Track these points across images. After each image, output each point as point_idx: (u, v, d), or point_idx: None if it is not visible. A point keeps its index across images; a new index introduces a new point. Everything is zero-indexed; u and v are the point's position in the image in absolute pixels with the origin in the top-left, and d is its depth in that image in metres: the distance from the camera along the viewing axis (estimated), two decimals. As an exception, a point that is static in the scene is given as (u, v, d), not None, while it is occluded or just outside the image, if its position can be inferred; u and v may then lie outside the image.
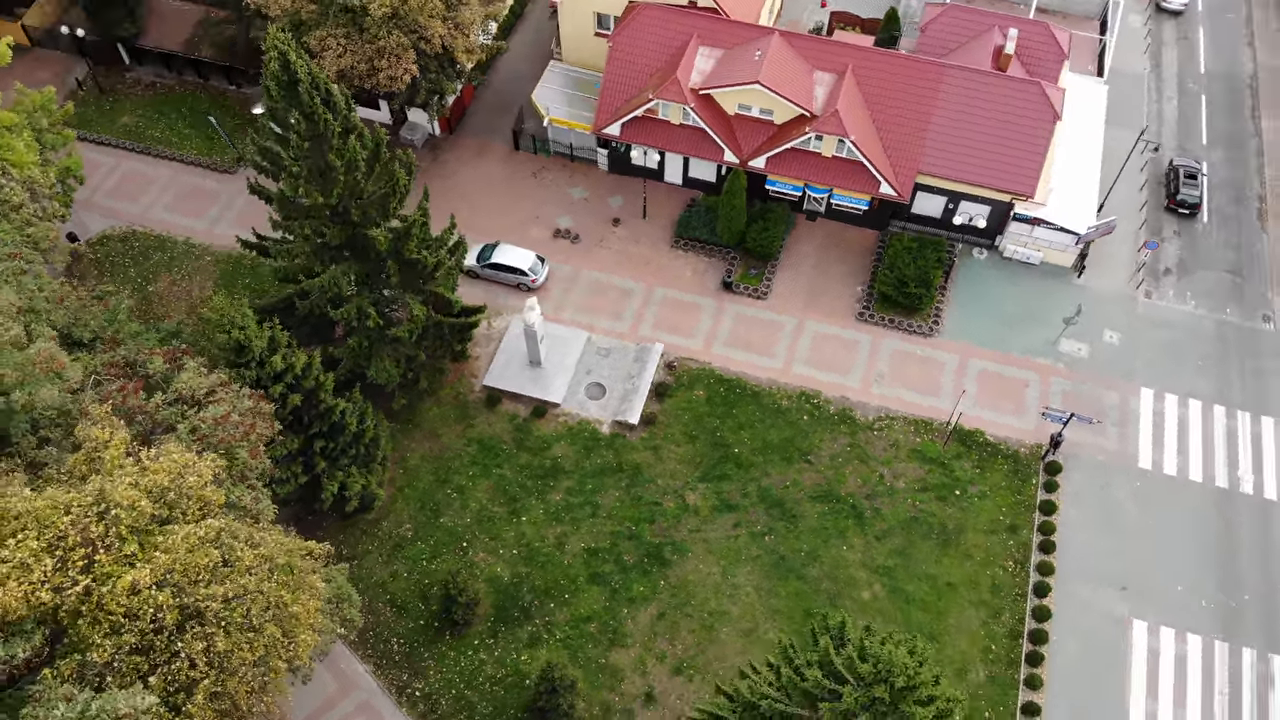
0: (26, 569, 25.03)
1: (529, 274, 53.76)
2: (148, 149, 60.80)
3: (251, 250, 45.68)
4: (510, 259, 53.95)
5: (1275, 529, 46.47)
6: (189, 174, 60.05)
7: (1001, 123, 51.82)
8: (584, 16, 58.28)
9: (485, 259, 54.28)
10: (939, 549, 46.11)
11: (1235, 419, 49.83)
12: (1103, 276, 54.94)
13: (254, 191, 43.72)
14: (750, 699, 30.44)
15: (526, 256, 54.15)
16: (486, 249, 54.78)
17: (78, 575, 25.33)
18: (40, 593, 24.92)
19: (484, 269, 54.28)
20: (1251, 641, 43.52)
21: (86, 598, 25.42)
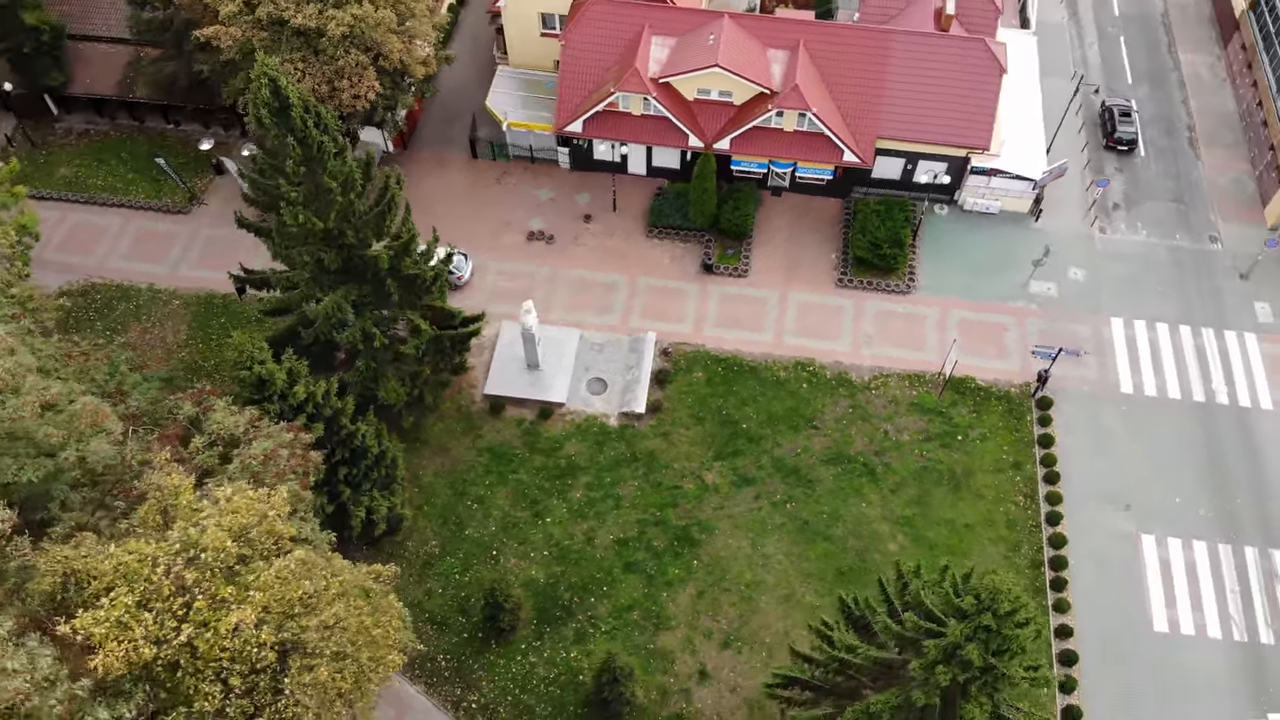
0: (124, 627, 24.44)
1: (454, 272, 53.24)
2: (93, 198, 58.94)
3: (244, 286, 44.81)
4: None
5: (1255, 434, 49.50)
6: (141, 219, 58.40)
7: (951, 81, 53.84)
8: (529, 18, 58.47)
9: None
10: (952, 494, 47.90)
11: (1201, 336, 52.83)
12: (1058, 218, 57.55)
13: (243, 226, 42.97)
14: (834, 655, 31.42)
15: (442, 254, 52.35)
16: None
17: (178, 625, 24.84)
18: (142, 649, 24.35)
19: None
20: (1251, 540, 46.34)
21: (187, 647, 24.93)
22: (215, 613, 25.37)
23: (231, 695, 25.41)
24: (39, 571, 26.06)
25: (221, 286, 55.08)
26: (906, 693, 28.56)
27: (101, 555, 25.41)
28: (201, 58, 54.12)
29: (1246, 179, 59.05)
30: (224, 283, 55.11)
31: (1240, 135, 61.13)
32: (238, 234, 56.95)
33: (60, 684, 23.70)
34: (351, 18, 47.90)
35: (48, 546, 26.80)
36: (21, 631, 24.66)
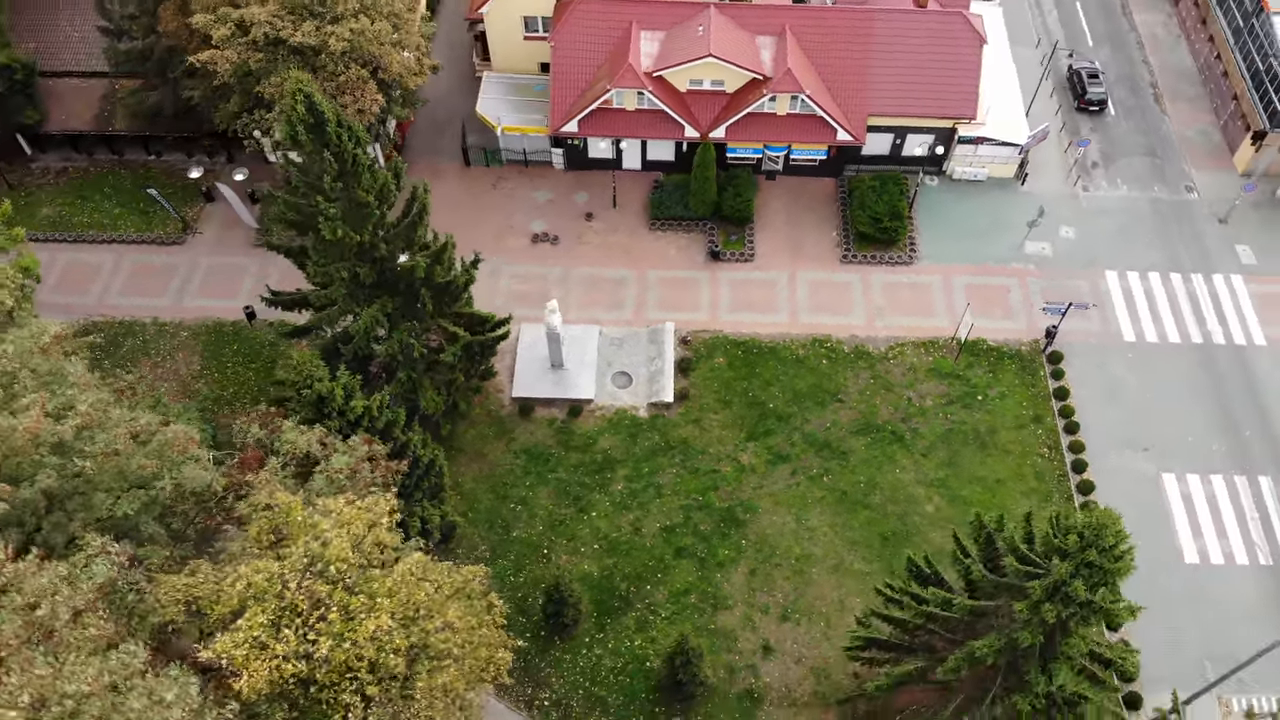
0: (262, 646, 24.37)
1: None
2: (81, 236, 57.66)
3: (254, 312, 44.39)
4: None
5: (1253, 370, 51.95)
6: (134, 253, 57.32)
7: (934, 55, 55.50)
8: (512, 22, 58.73)
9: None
10: (979, 452, 49.47)
11: (1191, 282, 55.26)
12: (1042, 180, 59.64)
13: (273, 248, 42.71)
14: (925, 610, 32.50)
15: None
16: None
17: (317, 639, 24.83)
18: (284, 666, 24.31)
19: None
20: (1265, 470, 48.70)
21: (325, 660, 24.93)
22: (348, 623, 25.42)
23: (371, 705, 25.48)
24: (159, 602, 25.81)
25: (229, 315, 54.46)
26: (1009, 634, 29.74)
27: (231, 577, 25.26)
28: (190, 84, 53.44)
29: (1212, 129, 61.83)
30: (231, 311, 54.58)
31: (1201, 89, 63.96)
32: (238, 261, 56.74)
33: (209, 711, 23.55)
34: (350, 32, 47.78)
35: (162, 577, 26.52)
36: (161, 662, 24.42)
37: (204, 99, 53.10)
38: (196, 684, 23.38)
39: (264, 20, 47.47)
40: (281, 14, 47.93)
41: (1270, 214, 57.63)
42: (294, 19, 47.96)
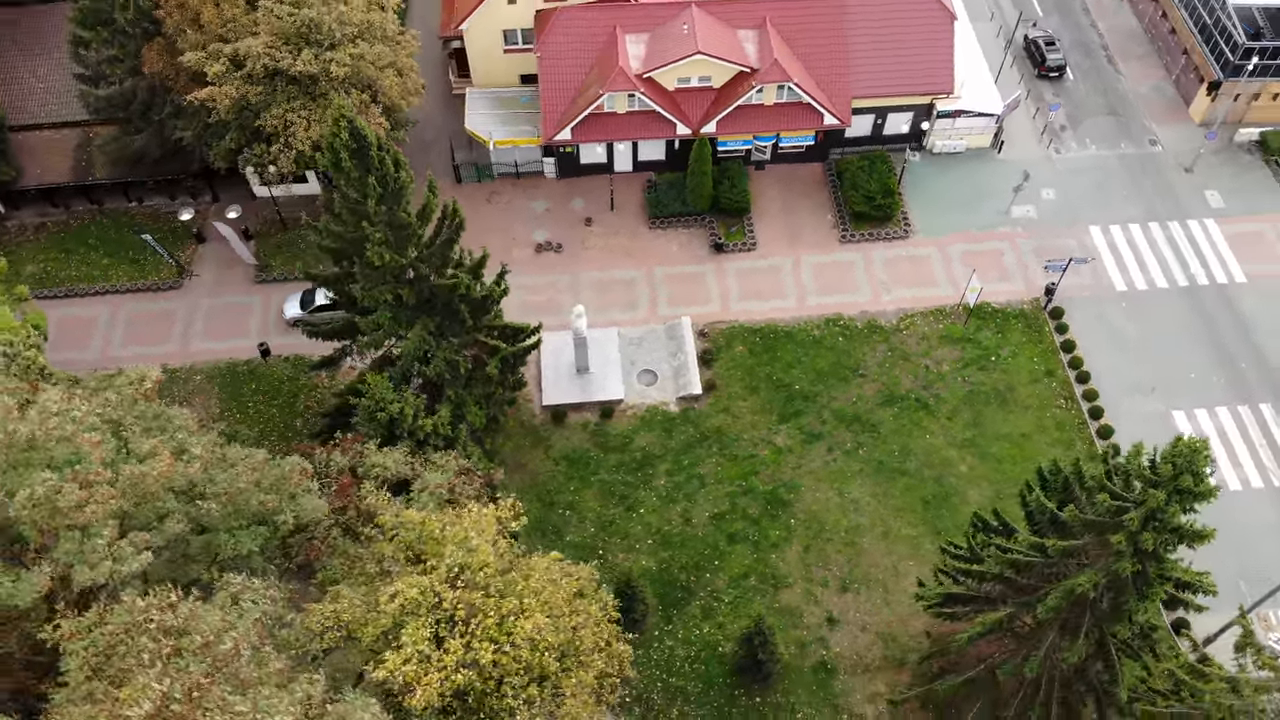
0: (426, 659, 24.52)
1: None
2: (72, 290, 56.25)
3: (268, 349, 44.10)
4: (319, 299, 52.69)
5: (1238, 306, 54.94)
6: (130, 302, 56.13)
7: (909, 34, 57.50)
8: (492, 37, 59.05)
9: (309, 305, 52.91)
10: (1001, 410, 51.44)
11: (1168, 229, 58.20)
12: (1016, 147, 62.13)
13: (311, 278, 42.53)
14: (1014, 559, 33.96)
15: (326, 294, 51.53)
16: (307, 295, 53.59)
17: (479, 646, 25.04)
18: (454, 676, 24.48)
19: (312, 314, 52.39)
20: (1264, 398, 51.61)
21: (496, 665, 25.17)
22: (501, 627, 25.71)
23: (533, 707, 25.82)
24: (312, 630, 25.74)
25: (242, 354, 53.77)
26: (1106, 566, 31.35)
27: (385, 595, 25.29)
28: (179, 124, 52.65)
29: (1165, 85, 65.14)
30: (243, 350, 53.92)
31: (1149, 46, 67.32)
32: (241, 299, 56.01)
33: (391, 730, 23.70)
34: (350, 57, 47.69)
35: (310, 606, 26.42)
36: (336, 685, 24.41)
37: (196, 138, 52.33)
38: (377, 704, 23.43)
39: (261, 52, 47.13)
40: (277, 44, 47.64)
41: (1231, 158, 61.00)
42: (291, 49, 47.68)
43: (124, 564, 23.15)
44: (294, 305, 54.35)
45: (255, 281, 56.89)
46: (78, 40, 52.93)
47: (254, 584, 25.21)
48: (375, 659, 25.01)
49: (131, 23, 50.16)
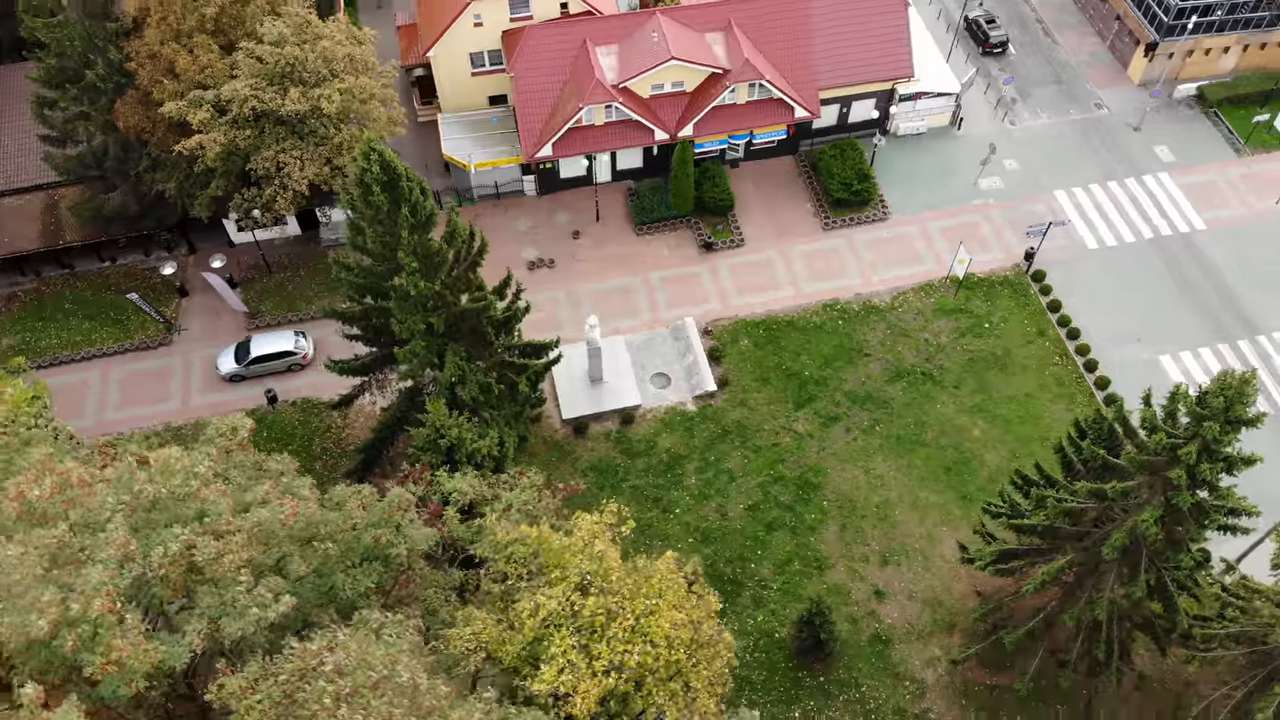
0: (574, 666, 24.79)
1: (296, 351, 53.08)
2: (56, 359, 54.49)
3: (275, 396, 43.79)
4: (272, 346, 52.91)
5: (1202, 251, 58.10)
6: (120, 364, 54.65)
7: (867, 23, 59.47)
8: (459, 61, 59.18)
9: (245, 358, 52.71)
10: (1002, 373, 53.51)
11: (1127, 186, 61.26)
12: (973, 123, 64.67)
13: (338, 316, 42.24)
14: (1071, 506, 35.59)
15: (285, 336, 53.51)
16: (241, 348, 53.20)
17: (625, 648, 25.40)
18: (605, 680, 24.78)
19: (249, 367, 52.70)
20: (1240, 335, 54.69)
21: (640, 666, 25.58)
22: (636, 629, 26.10)
23: (677, 700, 26.26)
24: (453, 654, 25.71)
25: (247, 403, 52.84)
26: (1166, 501, 33.16)
27: (524, 608, 25.42)
28: (160, 177, 51.57)
29: (1100, 50, 68.54)
30: (248, 399, 52.99)
31: (1080, 15, 70.73)
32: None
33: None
34: (339, 93, 47.44)
35: (450, 632, 26.36)
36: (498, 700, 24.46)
37: (179, 190, 51.30)
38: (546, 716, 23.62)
39: (247, 95, 46.56)
40: (262, 86, 47.11)
41: (1174, 114, 64.50)
42: (276, 89, 47.20)
43: (268, 611, 22.88)
44: (229, 359, 53.09)
45: (248, 329, 55.91)
46: (42, 101, 51.47)
47: (393, 617, 25.10)
48: (531, 674, 25.17)
49: (103, 78, 49.01)
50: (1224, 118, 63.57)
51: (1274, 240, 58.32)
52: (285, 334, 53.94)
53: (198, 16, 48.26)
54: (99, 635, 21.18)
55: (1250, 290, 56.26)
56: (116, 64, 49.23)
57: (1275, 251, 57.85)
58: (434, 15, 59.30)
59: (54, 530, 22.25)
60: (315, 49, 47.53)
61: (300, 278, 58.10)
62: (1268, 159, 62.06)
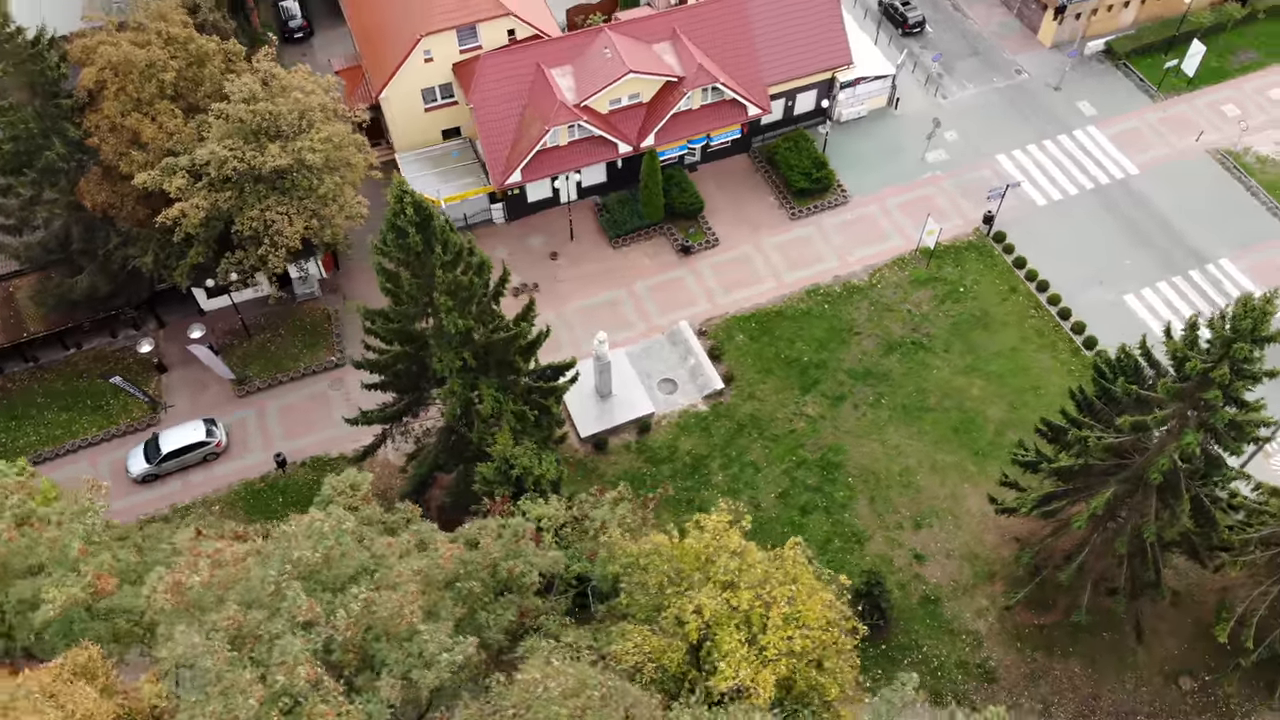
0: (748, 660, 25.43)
1: (209, 440, 50.75)
2: (39, 455, 51.91)
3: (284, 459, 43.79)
4: (183, 439, 50.40)
5: (1140, 194, 62.03)
6: (108, 452, 52.51)
7: (804, 17, 61.58)
8: (411, 99, 58.91)
9: (157, 456, 50.10)
10: (986, 332, 56.15)
11: (1058, 142, 64.98)
12: (908, 102, 67.57)
13: (367, 366, 41.79)
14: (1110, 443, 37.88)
15: (195, 427, 50.99)
16: (150, 445, 50.67)
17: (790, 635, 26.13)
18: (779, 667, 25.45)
19: (162, 465, 50.21)
20: (1190, 265, 58.68)
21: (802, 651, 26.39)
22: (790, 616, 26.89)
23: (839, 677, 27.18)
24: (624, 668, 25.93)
25: (254, 471, 51.56)
26: (1202, 423, 35.69)
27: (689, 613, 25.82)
28: (133, 252, 49.85)
29: (1009, 19, 72.49)
30: (254, 468, 51.71)
31: (984, -10, 74.80)
32: (229, 419, 53.53)
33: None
34: (321, 142, 46.82)
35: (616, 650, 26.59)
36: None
37: (156, 262, 49.66)
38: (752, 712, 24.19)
39: (226, 156, 45.53)
40: (238, 145, 46.12)
41: (1088, 70, 68.69)
42: (254, 146, 46.27)
43: (455, 655, 22.71)
44: (138, 460, 50.57)
45: (239, 396, 54.42)
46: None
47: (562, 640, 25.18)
48: (697, 677, 25.64)
49: (63, 157, 47.14)
50: (1134, 68, 68.12)
51: (1201, 174, 62.83)
52: (194, 425, 51.12)
53: (157, 83, 47.03)
54: (299, 706, 20.79)
55: (1190, 223, 60.44)
56: (76, 141, 47.42)
57: (1205, 184, 62.31)
58: (380, 56, 58.93)
59: (226, 610, 21.68)
60: (288, 100, 46.81)
61: (281, 337, 56.81)
62: (1180, 100, 66.79)
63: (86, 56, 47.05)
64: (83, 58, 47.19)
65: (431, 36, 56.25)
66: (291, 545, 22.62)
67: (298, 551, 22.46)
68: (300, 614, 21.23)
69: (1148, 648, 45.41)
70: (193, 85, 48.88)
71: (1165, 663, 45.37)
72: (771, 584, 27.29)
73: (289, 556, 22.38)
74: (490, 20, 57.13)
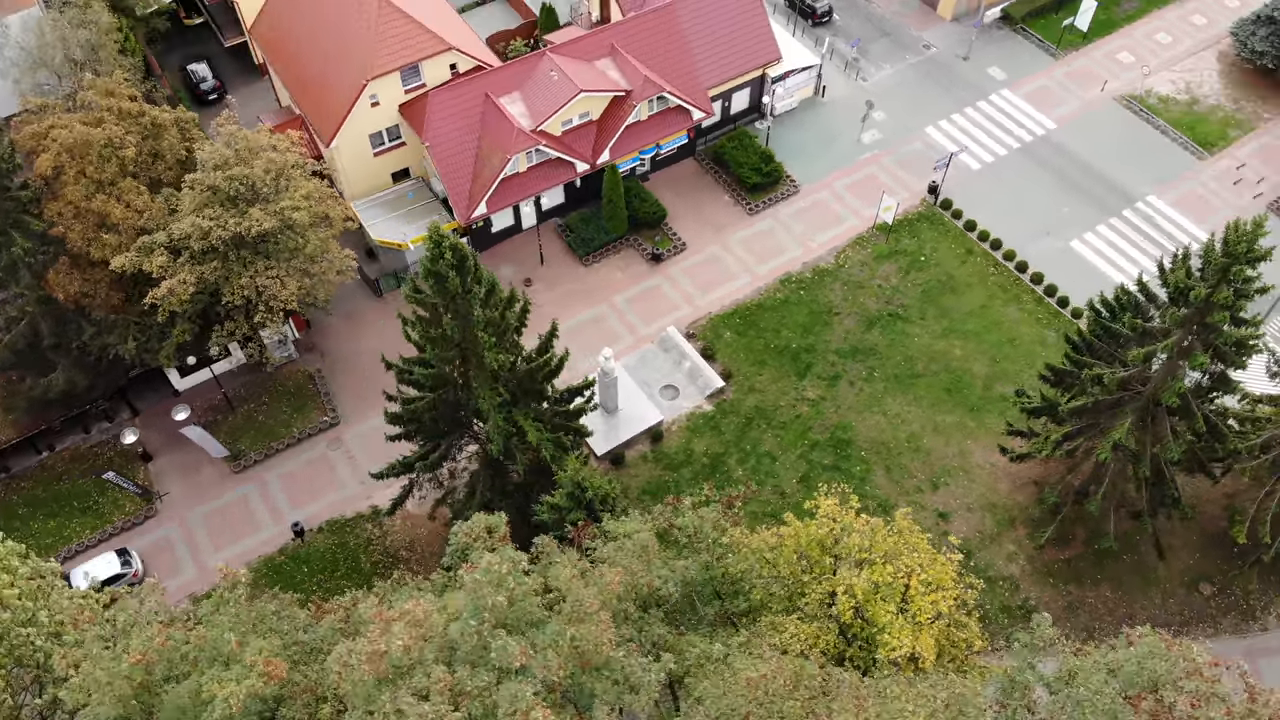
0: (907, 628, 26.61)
1: (125, 570, 48.12)
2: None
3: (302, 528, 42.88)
4: (96, 574, 47.25)
5: (1063, 145, 66.00)
6: (109, 551, 49.96)
7: (732, 20, 63.32)
8: (360, 145, 58.12)
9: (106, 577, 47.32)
10: (954, 295, 58.90)
11: (979, 109, 68.60)
12: (833, 89, 70.19)
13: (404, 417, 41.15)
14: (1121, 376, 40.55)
15: (108, 561, 48.28)
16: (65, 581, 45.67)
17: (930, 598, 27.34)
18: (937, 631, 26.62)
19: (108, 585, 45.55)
20: (1122, 206, 62.85)
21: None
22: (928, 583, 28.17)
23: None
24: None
25: (269, 547, 50.21)
26: (1208, 343, 38.66)
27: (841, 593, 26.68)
28: (111, 340, 47.71)
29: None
30: (267, 544, 50.40)
31: (879, -25, 78.17)
32: (231, 495, 52.24)
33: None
34: (304, 199, 45.89)
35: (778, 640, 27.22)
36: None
37: (139, 347, 47.66)
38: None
39: (209, 226, 44.15)
40: (218, 213, 44.76)
41: (990, 38, 72.63)
42: (234, 212, 44.98)
43: (657, 675, 22.89)
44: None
45: (235, 472, 52.64)
46: (-49, 296, 46.39)
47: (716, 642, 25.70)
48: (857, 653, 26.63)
49: (29, 251, 44.82)
50: (1032, 30, 72.49)
51: (1113, 120, 67.34)
52: (106, 558, 48.25)
53: (117, 162, 45.25)
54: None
55: (1113, 167, 64.73)
56: (39, 234, 45.16)
57: (1118, 130, 66.80)
58: (323, 106, 57.89)
59: (431, 671, 21.35)
60: (261, 161, 45.69)
61: (266, 405, 55.17)
62: (1079, 55, 71.42)
63: (38, 143, 44.95)
64: (34, 145, 45.09)
65: (377, 80, 55.62)
66: (483, 593, 22.35)
67: (490, 598, 22.21)
68: (513, 660, 21.08)
69: (1167, 563, 48.61)
70: (152, 159, 47.21)
71: (1184, 574, 48.67)
72: (903, 555, 28.54)
73: (483, 605, 22.13)
74: (433, 57, 56.87)
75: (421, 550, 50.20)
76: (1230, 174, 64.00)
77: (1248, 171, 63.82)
